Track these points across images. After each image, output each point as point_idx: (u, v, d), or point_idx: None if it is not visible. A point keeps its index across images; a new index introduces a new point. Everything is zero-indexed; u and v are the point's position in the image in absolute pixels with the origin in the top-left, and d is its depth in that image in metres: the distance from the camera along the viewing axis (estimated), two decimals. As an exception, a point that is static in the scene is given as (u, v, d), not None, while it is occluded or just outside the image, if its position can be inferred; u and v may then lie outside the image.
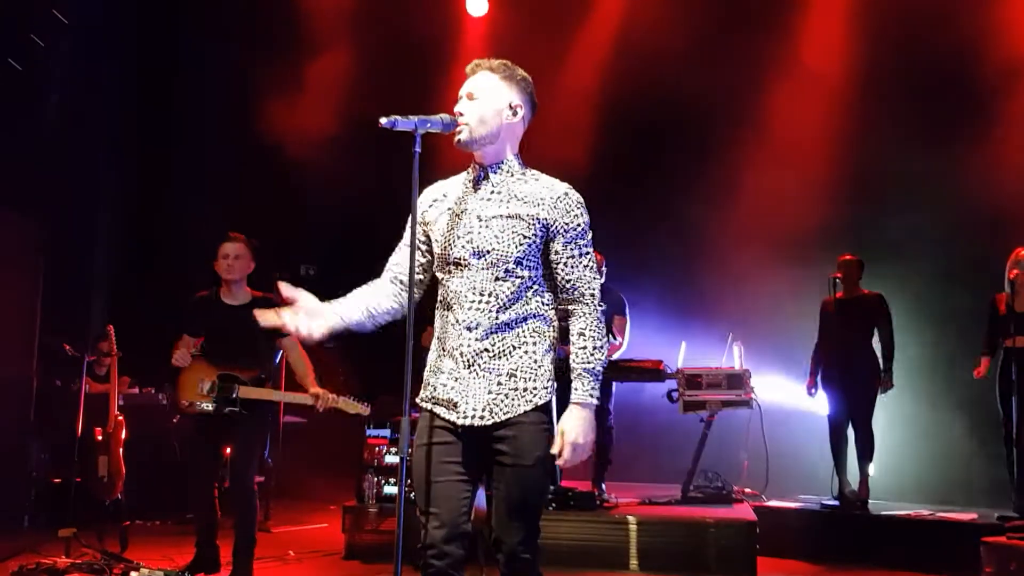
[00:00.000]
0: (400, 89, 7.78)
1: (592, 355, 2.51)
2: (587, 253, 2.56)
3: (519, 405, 2.49)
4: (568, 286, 2.54)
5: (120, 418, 5.68)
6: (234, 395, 4.44)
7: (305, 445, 8.00)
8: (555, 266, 2.54)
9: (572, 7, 8.37)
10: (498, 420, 2.48)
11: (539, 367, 2.53)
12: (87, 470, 5.56)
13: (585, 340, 2.52)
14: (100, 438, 5.61)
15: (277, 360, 4.85)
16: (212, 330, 4.67)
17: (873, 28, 7.38)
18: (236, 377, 4.49)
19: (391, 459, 5.81)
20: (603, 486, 6.14)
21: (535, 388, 2.52)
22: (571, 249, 2.53)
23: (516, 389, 2.50)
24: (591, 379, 2.51)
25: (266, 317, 2.58)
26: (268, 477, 7.27)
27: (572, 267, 2.53)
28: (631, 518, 5.38)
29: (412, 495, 2.54)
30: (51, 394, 7.16)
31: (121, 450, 5.62)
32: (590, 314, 2.54)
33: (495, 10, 8.80)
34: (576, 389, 2.51)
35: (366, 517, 5.73)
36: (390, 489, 5.75)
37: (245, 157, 7.91)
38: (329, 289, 2.69)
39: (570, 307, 2.56)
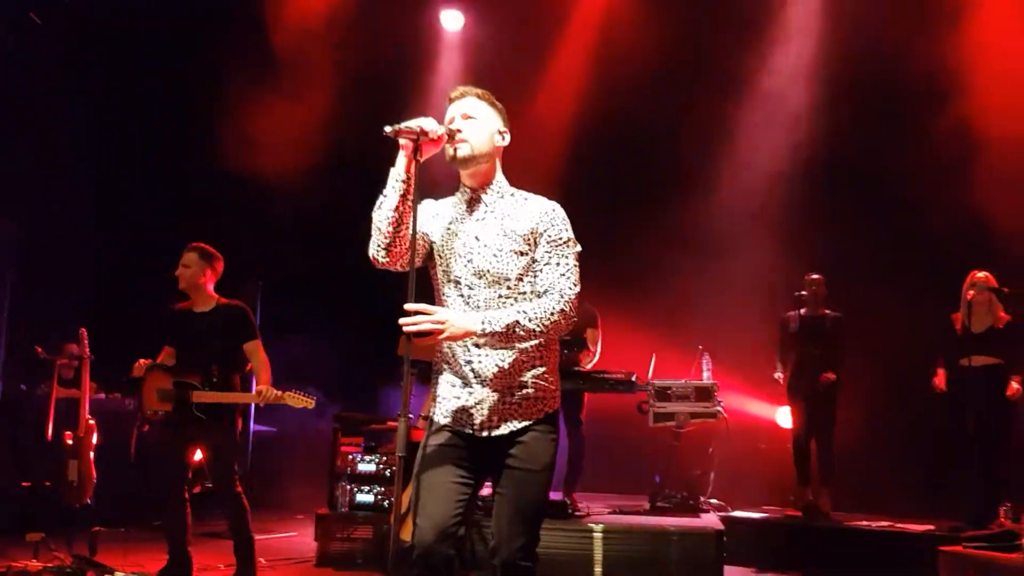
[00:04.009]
0: (378, 102, 7.82)
1: (517, 314, 2.46)
2: (566, 263, 2.58)
3: (530, 414, 2.57)
4: (542, 291, 2.57)
5: (92, 422, 5.64)
6: (190, 400, 4.54)
7: (273, 454, 7.96)
8: (535, 272, 2.59)
9: (547, 21, 8.45)
10: (513, 429, 2.55)
11: (548, 377, 2.62)
12: (57, 474, 5.52)
13: (524, 307, 2.50)
14: (71, 442, 5.56)
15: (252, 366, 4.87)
16: (181, 339, 4.78)
17: (843, 56, 7.60)
18: (190, 383, 4.59)
19: (364, 467, 5.82)
20: (574, 496, 6.21)
21: (544, 398, 2.60)
22: (550, 257, 2.58)
23: (528, 399, 2.57)
24: (498, 323, 2.45)
25: None
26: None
27: (548, 272, 2.57)
28: (596, 526, 5.42)
29: (387, 501, 2.58)
30: (16, 398, 7.07)
31: (92, 455, 5.58)
32: (546, 301, 2.52)
33: (471, 25, 8.89)
34: (486, 314, 2.48)
35: (338, 525, 5.74)
36: (363, 497, 5.76)
37: (219, 171, 7.85)
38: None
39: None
